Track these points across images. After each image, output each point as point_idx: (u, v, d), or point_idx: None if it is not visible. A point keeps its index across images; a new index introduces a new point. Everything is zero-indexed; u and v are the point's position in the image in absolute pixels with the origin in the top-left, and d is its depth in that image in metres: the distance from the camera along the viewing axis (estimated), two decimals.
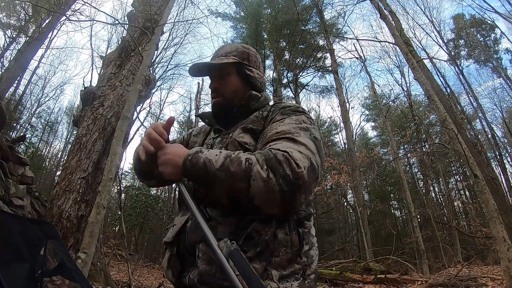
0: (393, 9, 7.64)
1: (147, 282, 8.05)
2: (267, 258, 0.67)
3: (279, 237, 0.69)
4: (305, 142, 0.71)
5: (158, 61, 16.38)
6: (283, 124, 0.78)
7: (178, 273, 0.78)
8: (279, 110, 0.87)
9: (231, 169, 0.65)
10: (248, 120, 0.90)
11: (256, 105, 0.96)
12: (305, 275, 0.71)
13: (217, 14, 17.20)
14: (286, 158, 0.64)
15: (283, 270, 0.68)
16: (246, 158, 0.66)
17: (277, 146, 0.69)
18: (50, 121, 21.36)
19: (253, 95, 0.96)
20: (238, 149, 0.80)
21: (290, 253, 0.69)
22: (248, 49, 1.02)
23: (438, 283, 5.31)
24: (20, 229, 1.21)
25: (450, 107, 7.95)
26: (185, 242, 0.77)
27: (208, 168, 0.67)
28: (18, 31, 13.63)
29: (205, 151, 0.72)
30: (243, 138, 0.84)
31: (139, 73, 4.68)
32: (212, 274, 0.68)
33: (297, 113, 0.84)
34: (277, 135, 0.74)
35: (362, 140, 25.03)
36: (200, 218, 0.67)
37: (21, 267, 1.15)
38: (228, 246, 0.60)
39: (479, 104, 16.29)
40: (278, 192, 0.62)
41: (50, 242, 1.28)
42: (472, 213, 15.31)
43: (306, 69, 18.47)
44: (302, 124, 0.79)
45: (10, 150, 4.05)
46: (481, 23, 17.20)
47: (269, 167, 0.63)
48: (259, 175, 0.62)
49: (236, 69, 0.97)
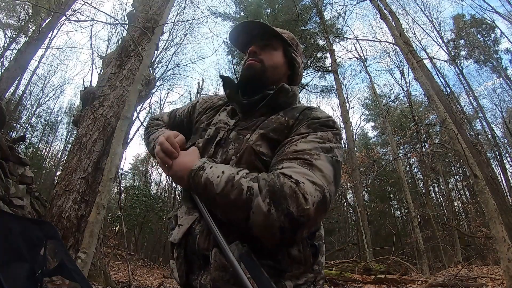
0: (393, 9, 7.65)
1: (147, 282, 8.05)
2: (279, 274, 0.67)
3: (292, 254, 0.68)
4: (323, 167, 0.65)
5: (158, 61, 16.41)
6: (305, 142, 0.70)
7: (187, 275, 0.76)
8: (307, 121, 0.77)
9: (231, 197, 0.61)
10: (270, 123, 0.80)
11: (283, 99, 0.86)
12: (315, 282, 0.72)
13: (217, 14, 17.20)
14: (294, 191, 0.58)
15: (297, 280, 0.69)
16: (248, 187, 0.61)
17: (288, 172, 0.62)
18: (50, 121, 21.40)
19: (284, 88, 0.85)
20: (254, 158, 0.75)
21: (303, 268, 0.70)
22: (297, 39, 0.98)
23: (438, 283, 5.30)
24: (20, 229, 1.21)
25: (450, 107, 7.96)
26: (194, 246, 0.74)
27: (208, 191, 0.65)
28: (18, 31, 13.63)
29: (207, 168, 0.68)
30: (261, 148, 0.76)
31: (139, 73, 4.68)
32: (226, 280, 0.66)
33: (324, 129, 0.75)
34: (294, 155, 0.68)
35: (362, 140, 25.05)
36: (211, 223, 0.66)
37: (21, 267, 1.15)
38: (240, 249, 0.59)
39: (479, 104, 16.32)
40: (277, 228, 0.57)
41: (50, 242, 1.29)
42: (472, 213, 15.32)
43: (306, 69, 18.45)
44: (325, 144, 0.71)
45: (10, 150, 4.05)
46: (481, 23, 17.21)
47: (272, 200, 0.58)
48: (259, 209, 0.58)
49: (283, 49, 0.92)
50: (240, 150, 0.78)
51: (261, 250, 0.65)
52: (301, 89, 18.67)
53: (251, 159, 0.75)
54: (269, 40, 0.90)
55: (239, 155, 0.77)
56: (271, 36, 0.91)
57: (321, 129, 0.75)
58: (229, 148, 0.81)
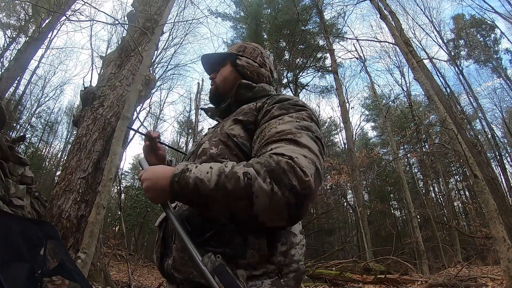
0: (393, 9, 7.65)
1: (147, 282, 8.05)
2: (234, 260, 0.65)
3: (248, 240, 0.67)
4: (308, 143, 0.66)
5: (158, 61, 16.38)
6: (283, 123, 0.72)
7: (161, 258, 0.79)
8: (276, 103, 0.79)
9: (228, 187, 0.58)
10: (240, 110, 0.85)
11: (249, 95, 0.92)
12: (281, 274, 0.69)
13: (217, 14, 17.20)
14: (291, 166, 0.58)
15: (254, 270, 0.66)
16: (244, 173, 0.59)
17: (279, 150, 0.63)
18: (50, 121, 21.36)
19: (243, 84, 0.93)
20: (226, 140, 0.79)
21: (257, 256, 0.67)
22: (248, 44, 1.09)
23: (438, 283, 5.30)
24: (20, 229, 1.21)
25: (450, 107, 7.96)
26: (169, 228, 0.79)
27: (200, 190, 0.60)
28: (18, 31, 13.63)
29: (193, 168, 0.64)
30: (233, 130, 0.80)
31: (139, 73, 4.68)
32: (184, 262, 0.68)
33: (296, 108, 0.77)
34: (277, 136, 0.68)
35: (362, 140, 25.04)
36: (184, 235, 0.65)
37: (21, 267, 1.15)
38: (213, 261, 0.58)
39: (479, 104, 16.32)
40: (284, 205, 0.57)
41: (50, 242, 1.28)
42: (472, 213, 15.33)
43: (306, 69, 18.46)
44: (302, 121, 0.72)
45: (10, 150, 4.05)
46: (481, 23, 17.22)
47: (273, 178, 0.57)
48: (262, 190, 0.57)
49: (230, 60, 1.03)
50: (215, 135, 0.84)
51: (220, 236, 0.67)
52: (301, 89, 18.68)
53: (224, 140, 0.79)
54: (217, 62, 1.07)
55: (215, 136, 0.83)
56: (219, 59, 1.07)
57: (294, 108, 0.77)
58: (203, 138, 0.89)
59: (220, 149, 0.78)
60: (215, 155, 0.78)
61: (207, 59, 1.10)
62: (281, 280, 0.68)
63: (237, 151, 0.77)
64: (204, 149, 0.82)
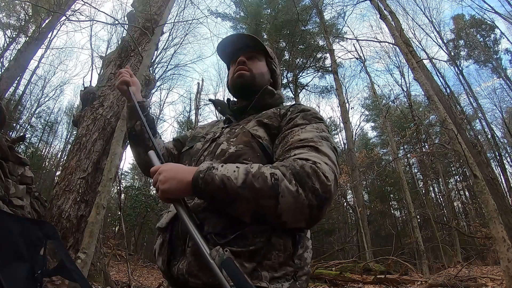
0: (393, 9, 7.64)
1: (146, 282, 8.04)
2: (259, 260, 0.65)
3: (272, 241, 0.67)
4: (328, 152, 0.71)
5: (158, 61, 16.41)
6: (305, 131, 0.77)
7: (168, 261, 0.76)
8: (299, 112, 0.85)
9: (256, 185, 0.61)
10: (264, 114, 0.89)
11: (269, 101, 0.96)
12: (296, 277, 0.69)
13: (217, 14, 17.19)
14: (315, 170, 0.63)
15: (275, 272, 0.66)
16: (271, 173, 0.62)
17: (303, 156, 0.67)
18: (50, 121, 21.36)
19: (268, 90, 0.96)
20: (252, 139, 0.80)
21: (283, 257, 0.67)
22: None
23: (438, 283, 5.31)
24: (20, 229, 1.21)
25: (449, 107, 7.96)
26: (178, 229, 0.76)
27: (228, 187, 0.63)
28: (18, 31, 13.63)
29: (219, 167, 0.66)
30: (257, 132, 0.82)
31: (139, 73, 4.68)
32: (200, 267, 0.67)
33: (317, 120, 0.83)
34: (300, 143, 0.73)
35: (362, 141, 25.03)
36: (191, 228, 0.64)
37: (20, 267, 1.15)
38: (221, 255, 0.58)
39: (478, 104, 16.33)
40: (307, 206, 0.61)
41: (50, 242, 1.28)
42: (472, 214, 15.35)
43: (306, 70, 18.46)
44: (322, 133, 0.78)
45: (10, 150, 4.04)
46: (481, 24, 17.23)
47: (297, 181, 0.61)
48: (288, 191, 0.60)
49: (265, 59, 1.03)
50: (234, 135, 0.84)
51: (244, 238, 0.66)
52: (301, 89, 18.68)
53: (247, 140, 0.80)
54: (254, 52, 1.01)
55: (234, 136, 0.83)
56: (256, 49, 1.01)
57: (315, 120, 0.82)
58: (220, 138, 0.88)
59: (241, 149, 0.79)
60: (236, 154, 0.78)
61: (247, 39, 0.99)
62: (297, 283, 0.69)
63: (261, 152, 0.79)
64: (222, 149, 0.82)
